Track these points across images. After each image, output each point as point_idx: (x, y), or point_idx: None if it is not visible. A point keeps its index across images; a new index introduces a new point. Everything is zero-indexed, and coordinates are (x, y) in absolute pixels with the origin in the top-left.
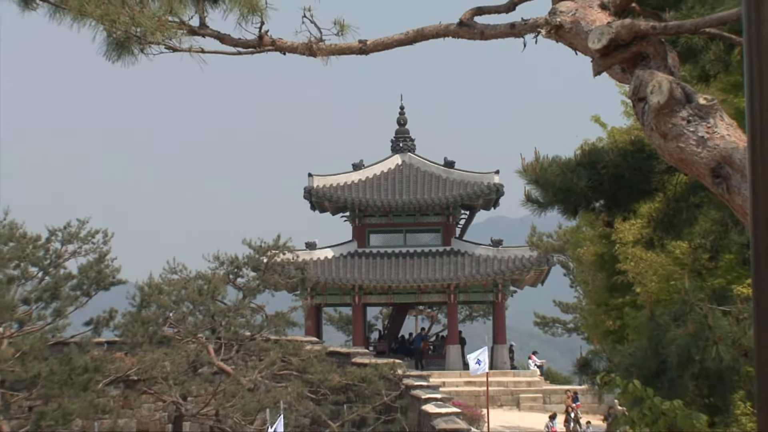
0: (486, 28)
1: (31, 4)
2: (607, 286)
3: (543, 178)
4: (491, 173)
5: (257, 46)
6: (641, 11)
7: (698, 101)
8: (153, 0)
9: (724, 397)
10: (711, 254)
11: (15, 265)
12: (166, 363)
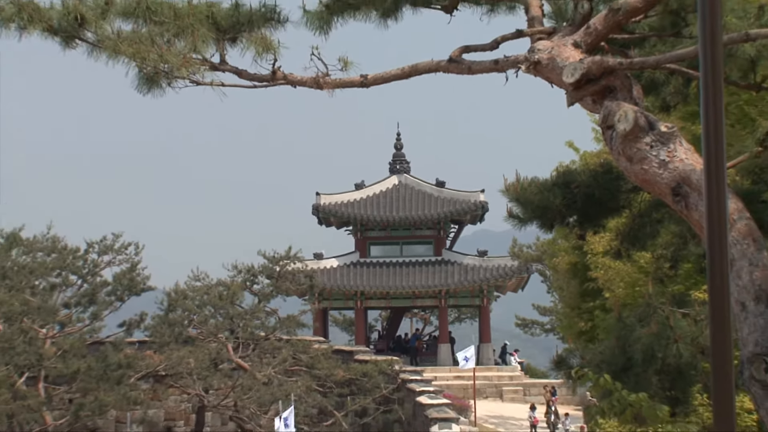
0: (473, 64)
1: (71, 43)
2: (580, 291)
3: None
4: (477, 192)
5: (270, 80)
6: (609, 49)
7: (660, 128)
8: (179, 39)
9: (683, 390)
10: (671, 263)
11: (57, 274)
12: (191, 360)
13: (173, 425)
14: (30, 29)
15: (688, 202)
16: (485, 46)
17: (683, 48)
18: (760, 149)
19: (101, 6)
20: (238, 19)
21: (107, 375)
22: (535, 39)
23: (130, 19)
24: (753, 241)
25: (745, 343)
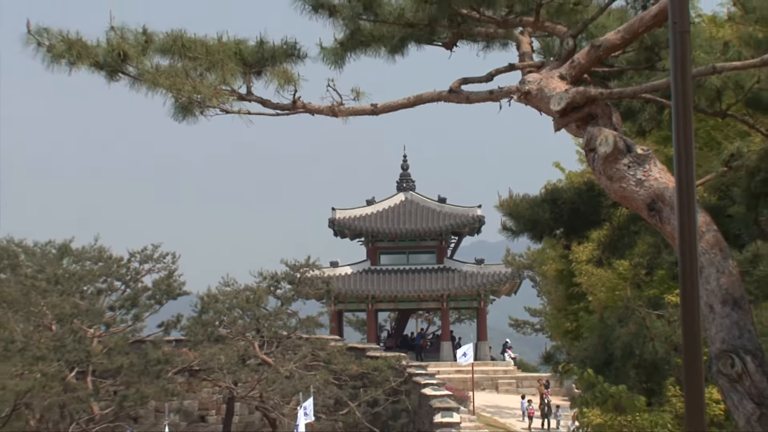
0: (471, 94)
1: (115, 76)
2: (566, 295)
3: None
4: (474, 207)
5: (291, 108)
6: (591, 80)
7: (636, 151)
8: (210, 73)
9: (658, 382)
10: (647, 270)
11: (103, 280)
12: (221, 356)
13: (206, 414)
14: (78, 64)
15: (661, 216)
16: (481, 78)
17: (657, 80)
18: (726, 169)
19: (142, 43)
20: (263, 54)
21: (148, 370)
22: (525, 72)
23: (167, 55)
24: (720, 251)
25: (713, 341)
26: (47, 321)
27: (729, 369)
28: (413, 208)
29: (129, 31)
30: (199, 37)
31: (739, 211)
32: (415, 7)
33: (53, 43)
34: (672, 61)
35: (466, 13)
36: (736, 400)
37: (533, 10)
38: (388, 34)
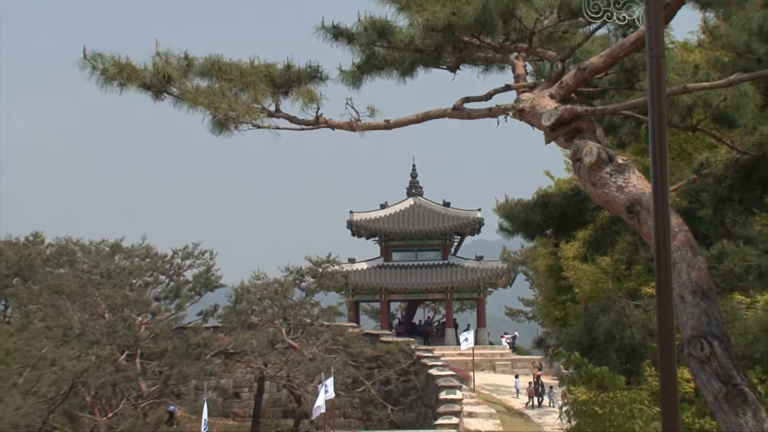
0: (472, 111)
1: (160, 96)
2: (555, 287)
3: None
4: (475, 210)
5: (314, 124)
6: (578, 99)
7: (617, 161)
8: (243, 92)
9: (636, 364)
10: (626, 265)
11: (149, 274)
12: (253, 341)
13: (240, 391)
14: (128, 86)
15: (639, 218)
16: (481, 97)
17: (635, 98)
18: (696, 177)
19: (183, 67)
20: (290, 76)
21: (189, 353)
22: (520, 92)
23: (205, 77)
24: (690, 248)
25: (684, 327)
26: (101, 310)
27: (699, 352)
28: (421, 212)
29: (172, 56)
30: (233, 61)
31: (707, 214)
32: (423, 35)
33: (106, 66)
34: (648, 82)
35: (467, 40)
36: (705, 380)
37: (527, 37)
38: (399, 59)
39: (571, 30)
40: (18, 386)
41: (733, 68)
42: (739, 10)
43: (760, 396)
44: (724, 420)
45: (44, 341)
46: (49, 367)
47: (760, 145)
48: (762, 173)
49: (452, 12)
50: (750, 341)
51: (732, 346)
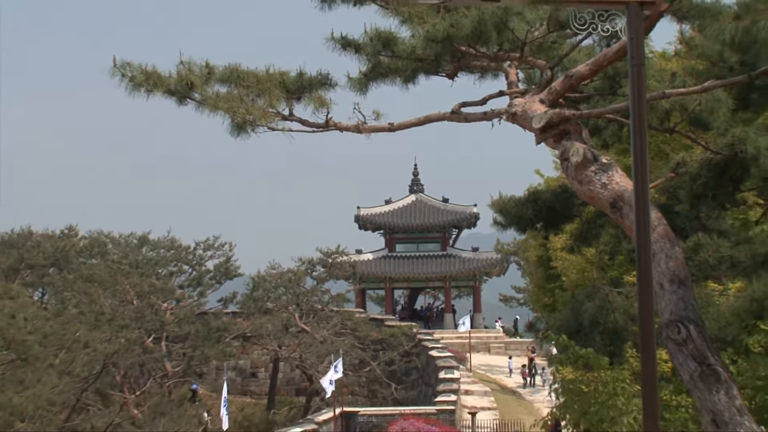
0: (468, 115)
1: (183, 101)
2: (545, 276)
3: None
4: (471, 206)
5: (325, 127)
6: (565, 104)
7: (602, 160)
8: (260, 98)
9: (619, 346)
10: (610, 256)
11: (174, 264)
12: (269, 325)
13: (256, 371)
14: (155, 92)
15: (622, 213)
16: (477, 102)
17: (618, 103)
18: (673, 175)
19: (205, 75)
20: (302, 83)
21: (210, 336)
22: (512, 97)
23: (225, 83)
24: (668, 240)
25: (663, 312)
26: (130, 297)
27: (676, 335)
28: (422, 207)
29: (194, 65)
30: (251, 69)
31: (683, 209)
32: (424, 46)
33: (134, 74)
34: (630, 88)
35: (465, 50)
36: (681, 360)
37: (519, 47)
38: (402, 67)
39: (559, 41)
40: (54, 367)
41: (708, 76)
42: (713, 22)
43: (732, 375)
44: (699, 397)
45: (78, 326)
46: (82, 349)
47: (731, 146)
48: (733, 172)
49: (450, 24)
50: (723, 325)
51: (706, 329)
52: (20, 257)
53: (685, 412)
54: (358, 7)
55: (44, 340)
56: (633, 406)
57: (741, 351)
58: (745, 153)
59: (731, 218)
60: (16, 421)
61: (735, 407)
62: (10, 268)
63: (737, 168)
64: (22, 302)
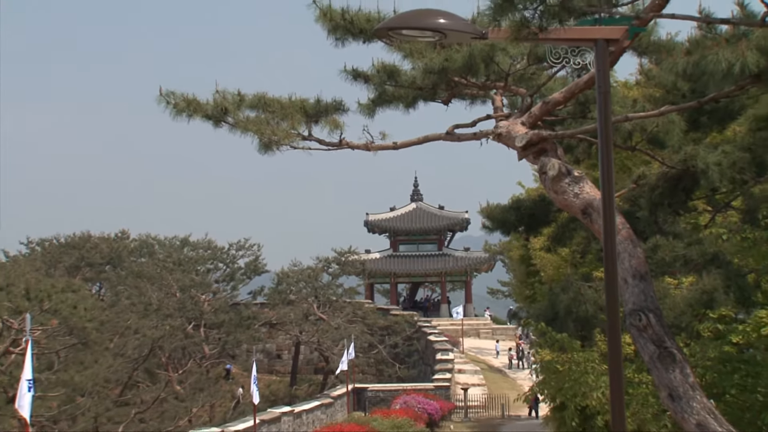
0: (461, 135)
1: (219, 124)
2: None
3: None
4: (463, 212)
5: (338, 145)
6: (543, 126)
7: (574, 174)
8: (283, 121)
9: (589, 331)
10: (581, 255)
11: (210, 262)
12: (291, 314)
13: (281, 353)
14: (194, 116)
15: (591, 218)
16: (468, 124)
17: (588, 125)
18: (635, 185)
19: (237, 102)
20: (319, 108)
21: (241, 323)
22: (498, 120)
23: (254, 109)
24: (631, 242)
25: (626, 303)
26: (173, 290)
27: (638, 322)
28: (421, 213)
29: (228, 93)
30: (276, 96)
31: (644, 215)
32: (423, 76)
33: (177, 102)
34: (598, 113)
35: (457, 80)
36: (642, 343)
37: (503, 78)
38: (404, 95)
39: (537, 72)
40: (109, 350)
41: (663, 101)
42: (668, 56)
43: (685, 356)
44: (657, 375)
45: (129, 315)
46: (133, 335)
47: (684, 161)
48: (686, 183)
49: (445, 58)
50: (677, 314)
51: (663, 317)
52: (81, 257)
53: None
54: (367, 44)
55: (101, 327)
56: (601, 383)
57: (693, 336)
58: (695, 167)
59: (684, 223)
60: (77, 396)
61: (688, 384)
62: (72, 266)
63: (689, 180)
64: (83, 295)
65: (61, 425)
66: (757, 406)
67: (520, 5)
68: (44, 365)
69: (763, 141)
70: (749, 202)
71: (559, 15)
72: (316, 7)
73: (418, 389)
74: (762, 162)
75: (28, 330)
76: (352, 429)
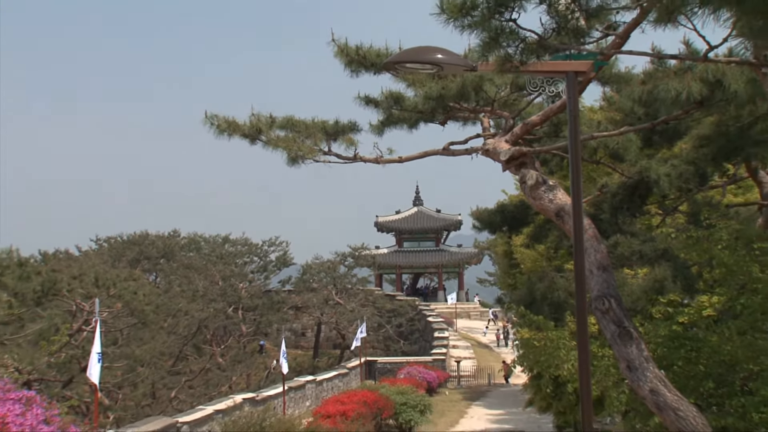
0: (455, 150)
1: (254, 142)
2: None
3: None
4: (457, 215)
5: (353, 159)
6: (523, 143)
7: (549, 183)
8: (307, 139)
9: (561, 314)
10: (555, 250)
11: (247, 256)
12: (314, 299)
13: (305, 332)
14: (233, 135)
15: (563, 220)
16: (461, 141)
17: (560, 143)
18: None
19: (269, 123)
20: (337, 128)
21: (272, 307)
22: (486, 138)
23: (283, 129)
24: (596, 239)
25: (592, 290)
26: (216, 279)
27: (601, 306)
28: (422, 216)
29: (262, 116)
30: (301, 119)
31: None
32: (423, 102)
33: (219, 123)
34: (569, 132)
35: (452, 105)
36: (605, 324)
37: (490, 103)
38: (408, 117)
39: (518, 98)
40: (164, 328)
41: (623, 123)
42: (626, 86)
43: (641, 334)
44: (617, 350)
45: (180, 299)
46: (183, 316)
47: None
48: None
49: (442, 87)
50: (634, 299)
51: (623, 302)
52: (140, 251)
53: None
54: (377, 75)
55: (157, 309)
56: (571, 356)
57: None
58: (649, 178)
59: (639, 224)
60: (137, 366)
61: (643, 357)
62: (133, 259)
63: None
64: (142, 283)
65: (124, 390)
66: (699, 375)
67: (504, 43)
68: (110, 341)
69: (704, 156)
70: (693, 207)
71: (536, 51)
72: (335, 44)
73: (419, 362)
74: (704, 173)
75: (97, 312)
76: (365, 394)
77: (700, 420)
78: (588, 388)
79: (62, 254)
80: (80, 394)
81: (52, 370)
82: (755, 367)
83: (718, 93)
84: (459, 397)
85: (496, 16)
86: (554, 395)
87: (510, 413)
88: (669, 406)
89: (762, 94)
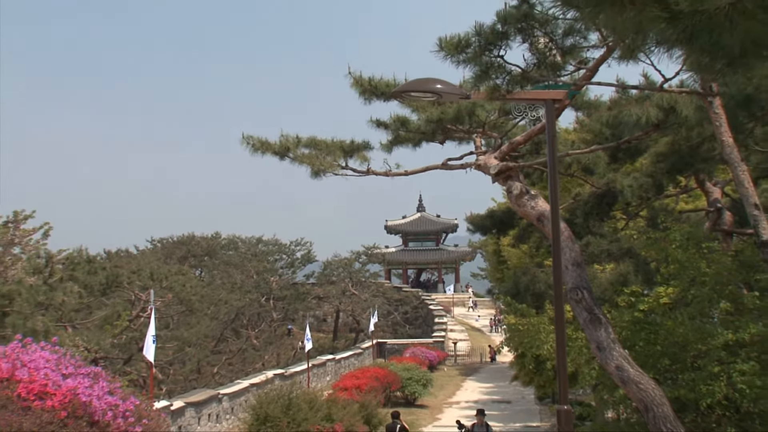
0: (452, 165)
1: (282, 158)
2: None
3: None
4: (454, 219)
5: (366, 173)
6: (510, 159)
7: (531, 193)
8: (327, 155)
9: (541, 302)
10: (536, 249)
11: (277, 254)
12: (333, 291)
13: (326, 318)
14: (265, 153)
15: (543, 224)
16: (457, 158)
17: (541, 159)
18: (572, 201)
19: (295, 142)
20: (353, 147)
21: (299, 297)
22: (478, 155)
23: (307, 147)
24: (571, 240)
25: (568, 283)
26: (251, 274)
27: (576, 296)
28: (424, 220)
29: (289, 136)
30: (322, 138)
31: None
32: (425, 125)
33: (254, 142)
34: (548, 150)
35: (450, 127)
36: (578, 311)
37: (482, 126)
38: (413, 137)
39: (505, 121)
40: (207, 315)
41: (592, 142)
42: (596, 111)
43: (608, 320)
44: (588, 333)
45: (221, 291)
46: (223, 305)
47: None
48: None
49: (441, 112)
50: (603, 290)
51: (593, 293)
52: (187, 250)
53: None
54: (386, 102)
55: (201, 299)
56: (550, 339)
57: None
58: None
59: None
60: (185, 346)
61: (610, 339)
62: (181, 257)
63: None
64: (189, 277)
65: (175, 367)
66: (656, 354)
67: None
68: (163, 325)
69: (661, 170)
70: (651, 212)
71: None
72: (351, 76)
73: (422, 343)
74: (660, 185)
75: (152, 301)
76: (376, 371)
77: (658, 392)
78: (564, 365)
79: (123, 253)
80: (138, 370)
81: (114, 349)
82: (703, 347)
83: (672, 117)
84: (455, 373)
85: (486, 53)
86: (536, 371)
87: (498, 386)
88: (632, 380)
89: (708, 119)
